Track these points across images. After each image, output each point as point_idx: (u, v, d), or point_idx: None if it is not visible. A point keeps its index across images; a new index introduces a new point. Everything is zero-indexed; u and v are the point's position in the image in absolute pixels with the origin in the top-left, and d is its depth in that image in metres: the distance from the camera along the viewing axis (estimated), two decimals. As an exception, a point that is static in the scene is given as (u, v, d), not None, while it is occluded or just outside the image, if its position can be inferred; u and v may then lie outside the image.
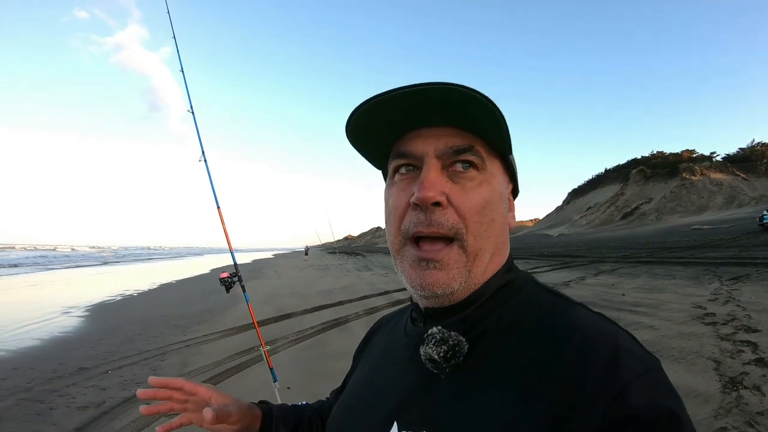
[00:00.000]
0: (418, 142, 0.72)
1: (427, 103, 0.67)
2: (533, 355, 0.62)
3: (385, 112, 0.70)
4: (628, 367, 0.57)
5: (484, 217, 0.69)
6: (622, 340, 0.61)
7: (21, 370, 6.54)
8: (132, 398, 5.29)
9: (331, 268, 30.60)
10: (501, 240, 0.74)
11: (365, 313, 10.56)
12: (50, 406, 5.13)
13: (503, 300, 0.72)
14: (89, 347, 7.90)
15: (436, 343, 0.67)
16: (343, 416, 0.83)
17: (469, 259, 0.69)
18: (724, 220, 64.43)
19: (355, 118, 0.72)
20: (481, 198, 0.70)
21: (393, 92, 0.66)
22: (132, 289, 17.61)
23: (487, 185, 0.71)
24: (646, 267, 17.87)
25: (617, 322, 0.66)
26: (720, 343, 6.27)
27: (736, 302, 9.17)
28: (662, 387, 0.57)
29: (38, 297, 15.89)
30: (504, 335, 0.68)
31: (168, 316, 11.08)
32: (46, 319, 10.71)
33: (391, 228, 0.75)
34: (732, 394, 4.55)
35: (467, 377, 0.66)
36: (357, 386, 0.88)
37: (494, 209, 0.71)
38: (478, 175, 0.71)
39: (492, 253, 0.72)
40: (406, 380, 0.74)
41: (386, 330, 0.96)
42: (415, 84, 0.65)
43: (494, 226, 0.71)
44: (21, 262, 42.73)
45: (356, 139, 0.77)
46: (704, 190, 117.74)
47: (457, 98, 0.65)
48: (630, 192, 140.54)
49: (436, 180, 0.68)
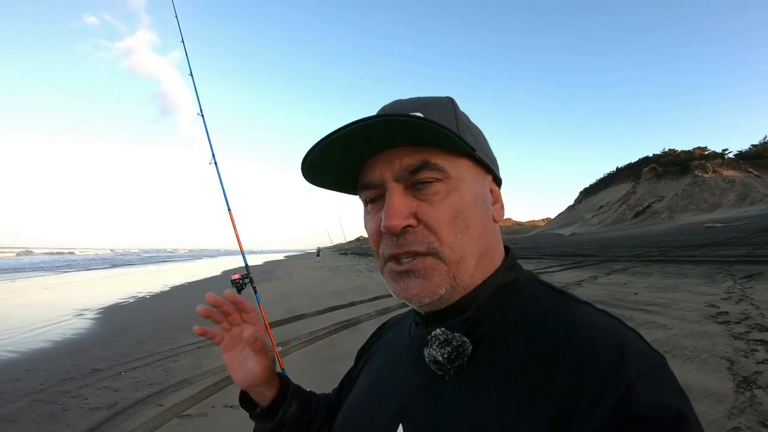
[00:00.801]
0: (375, 170, 0.72)
1: (372, 136, 0.67)
2: (538, 354, 0.62)
3: (335, 152, 0.70)
4: (634, 365, 0.56)
5: (457, 227, 0.69)
6: (628, 338, 0.61)
7: (35, 371, 6.60)
8: (145, 399, 5.33)
9: (342, 269, 30.64)
10: (486, 241, 0.73)
11: (377, 314, 10.55)
12: (63, 407, 5.17)
13: (506, 299, 0.72)
14: (102, 349, 7.96)
15: (440, 344, 0.68)
16: (350, 418, 0.83)
17: (450, 267, 0.69)
18: (737, 218, 63.91)
19: (308, 166, 0.73)
20: (450, 210, 0.69)
21: (333, 134, 0.66)
22: (145, 292, 17.72)
23: (455, 194, 0.70)
24: (658, 266, 17.75)
25: (630, 321, 0.67)
26: (733, 342, 6.22)
27: (750, 300, 9.09)
28: (668, 385, 0.57)
29: (52, 299, 16.03)
30: (508, 335, 0.67)
31: (180, 317, 11.15)
32: (60, 321, 10.80)
33: (374, 251, 0.77)
34: (745, 394, 4.51)
35: (472, 378, 0.66)
36: (363, 388, 0.88)
37: (468, 215, 0.70)
38: (442, 187, 0.70)
39: (478, 257, 0.71)
40: (410, 382, 0.74)
41: (391, 332, 0.96)
42: (349, 123, 0.65)
43: (471, 231, 0.70)
44: (38, 266, 43.05)
45: (318, 181, 0.78)
46: (716, 187, 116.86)
47: (397, 127, 0.65)
48: (642, 190, 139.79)
49: (399, 205, 0.69)
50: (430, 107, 0.74)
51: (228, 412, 4.90)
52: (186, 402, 5.21)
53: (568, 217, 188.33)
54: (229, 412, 4.92)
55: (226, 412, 4.91)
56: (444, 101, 0.77)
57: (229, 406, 5.03)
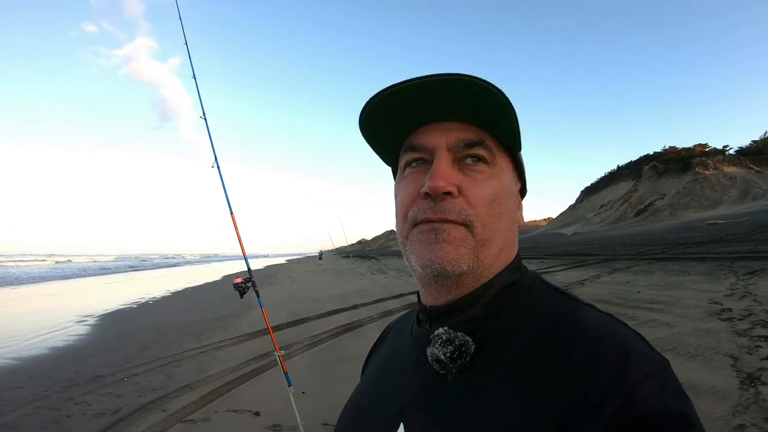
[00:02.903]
0: (430, 135, 0.73)
1: (438, 94, 0.68)
2: (541, 355, 0.62)
3: (399, 103, 0.71)
4: (637, 368, 0.56)
5: (493, 209, 0.70)
6: (631, 341, 0.60)
7: (38, 378, 6.60)
8: (147, 405, 5.33)
9: (344, 272, 30.65)
10: (509, 236, 0.74)
11: (379, 317, 10.57)
12: (67, 413, 5.17)
13: (510, 299, 0.72)
14: (105, 355, 7.96)
15: (442, 343, 0.67)
16: (351, 419, 0.83)
17: (477, 244, 0.69)
18: (739, 214, 63.85)
19: (368, 110, 0.73)
20: (491, 190, 0.71)
21: (406, 83, 0.68)
22: (147, 297, 17.72)
23: (496, 179, 0.72)
24: (661, 264, 17.76)
25: (633, 319, 0.66)
26: (737, 339, 6.21)
27: (753, 297, 9.09)
28: (671, 388, 0.56)
29: (54, 306, 16.05)
30: (511, 335, 0.67)
31: (183, 323, 11.15)
32: (62, 328, 10.80)
33: (399, 219, 0.76)
34: (750, 391, 4.50)
35: (474, 378, 0.65)
36: (365, 388, 0.87)
37: (503, 203, 0.72)
38: (487, 169, 0.72)
39: (500, 248, 0.72)
40: (413, 382, 0.74)
41: (393, 334, 0.95)
42: (428, 75, 0.66)
43: (502, 220, 0.72)
44: (37, 274, 43.06)
45: (369, 131, 0.79)
46: (718, 184, 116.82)
47: (469, 90, 0.67)
48: (643, 188, 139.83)
49: (447, 171, 0.69)
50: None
51: (232, 417, 4.90)
52: (189, 407, 5.20)
53: (570, 216, 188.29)
54: (232, 416, 4.92)
55: (229, 417, 4.90)
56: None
57: (233, 411, 5.03)
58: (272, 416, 4.85)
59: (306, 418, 4.13)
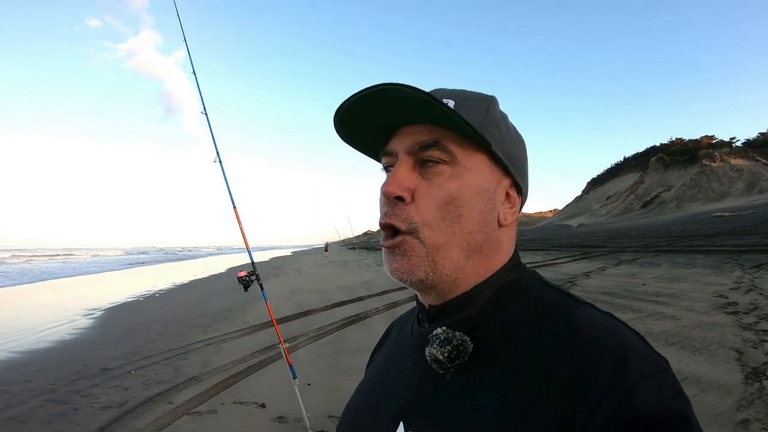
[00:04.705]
0: (396, 140, 0.75)
1: (388, 101, 0.70)
2: (539, 355, 0.62)
3: (360, 112, 0.74)
4: (635, 369, 0.56)
5: (447, 213, 0.70)
6: (630, 341, 0.60)
7: (45, 371, 6.65)
8: (154, 397, 5.37)
9: (350, 264, 30.71)
10: (481, 237, 0.72)
11: (385, 308, 10.59)
12: (74, 406, 5.21)
13: (507, 299, 0.72)
14: (112, 348, 8.02)
15: (440, 343, 0.67)
16: (351, 419, 0.83)
17: (429, 251, 0.69)
18: (746, 207, 63.55)
19: (338, 123, 0.77)
20: (445, 192, 0.70)
21: (357, 94, 0.70)
22: (153, 290, 17.80)
23: (456, 179, 0.71)
24: (666, 256, 17.68)
25: (638, 312, 0.67)
26: (742, 333, 6.20)
27: (759, 290, 9.05)
28: (670, 389, 0.56)
29: (62, 300, 16.15)
30: (509, 335, 0.67)
31: (189, 315, 11.20)
32: (69, 321, 10.86)
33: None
34: (755, 385, 4.49)
35: (472, 378, 0.66)
36: (365, 388, 0.88)
37: (463, 205, 0.70)
38: (447, 170, 0.71)
39: (468, 249, 0.71)
40: (412, 381, 0.74)
41: (395, 332, 0.96)
42: (376, 84, 0.67)
43: (463, 221, 0.70)
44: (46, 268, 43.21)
45: (354, 145, 0.83)
46: (725, 176, 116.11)
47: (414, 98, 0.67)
48: (650, 180, 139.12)
49: (401, 176, 0.71)
50: (464, 97, 0.74)
51: (237, 409, 4.93)
52: (195, 399, 5.24)
53: (576, 207, 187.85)
54: (238, 408, 4.95)
55: (235, 409, 4.94)
56: (481, 96, 0.77)
57: (239, 403, 5.07)
58: (278, 408, 4.89)
59: (311, 410, 4.16)
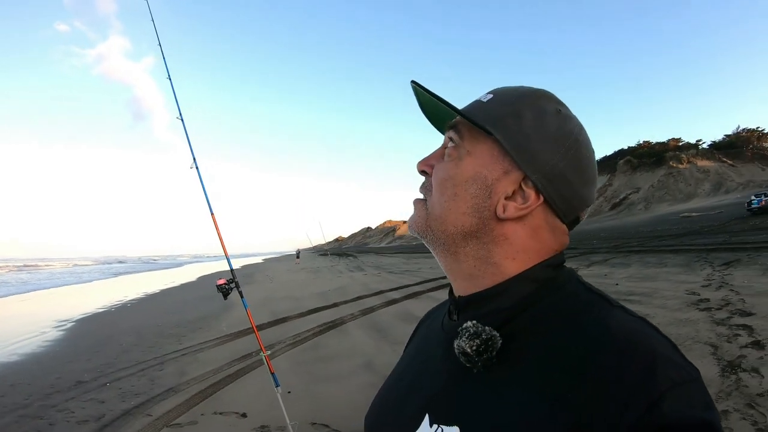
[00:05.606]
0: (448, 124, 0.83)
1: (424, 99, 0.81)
2: (568, 355, 0.61)
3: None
4: (665, 376, 0.55)
5: (444, 189, 0.75)
6: (661, 348, 0.59)
7: (19, 386, 6.48)
8: (132, 410, 5.26)
9: (323, 270, 30.62)
10: (474, 221, 0.72)
11: (360, 314, 10.58)
12: (50, 421, 5.08)
13: (541, 297, 0.70)
14: (85, 360, 7.84)
15: (469, 336, 0.66)
16: (379, 410, 0.83)
17: (428, 217, 0.77)
18: (713, 207, 64.83)
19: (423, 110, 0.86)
20: (443, 172, 0.76)
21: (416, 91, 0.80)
22: (125, 300, 17.49)
23: (456, 161, 0.75)
24: (637, 256, 17.94)
25: None
26: (716, 328, 6.32)
27: (729, 287, 9.23)
28: (700, 399, 0.55)
29: (31, 311, 15.78)
30: (540, 334, 0.66)
31: (162, 325, 11.02)
32: (40, 333, 10.61)
33: None
34: (731, 378, 4.59)
35: (500, 373, 0.65)
36: (394, 379, 0.88)
37: (457, 185, 0.74)
38: (453, 152, 0.76)
39: (462, 229, 0.73)
40: (440, 374, 0.74)
41: (427, 324, 0.95)
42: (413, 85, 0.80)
43: (458, 201, 0.73)
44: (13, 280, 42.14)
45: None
46: (691, 177, 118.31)
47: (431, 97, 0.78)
48: (618, 182, 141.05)
49: (430, 154, 0.82)
50: (502, 92, 0.78)
51: (218, 419, 4.87)
52: (174, 411, 5.14)
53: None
54: (218, 418, 4.88)
55: (215, 419, 4.87)
56: (518, 90, 0.76)
57: (219, 413, 4.99)
58: (259, 417, 4.82)
59: (293, 417, 4.11)
